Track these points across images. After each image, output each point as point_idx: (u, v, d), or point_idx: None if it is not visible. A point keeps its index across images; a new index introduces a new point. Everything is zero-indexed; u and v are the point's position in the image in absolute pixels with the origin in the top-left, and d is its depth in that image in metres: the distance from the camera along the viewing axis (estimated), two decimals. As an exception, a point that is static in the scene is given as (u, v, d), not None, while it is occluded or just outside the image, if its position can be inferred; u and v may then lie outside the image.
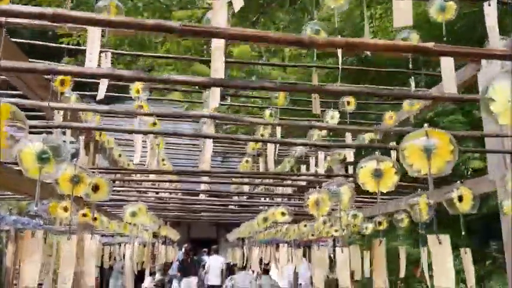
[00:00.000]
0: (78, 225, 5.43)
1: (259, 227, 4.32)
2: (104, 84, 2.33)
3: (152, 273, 7.02)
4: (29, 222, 5.49)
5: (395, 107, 4.48)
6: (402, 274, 3.99)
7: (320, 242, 8.92)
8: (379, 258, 2.14)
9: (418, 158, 1.41)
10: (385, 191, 1.68)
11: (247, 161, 5.25)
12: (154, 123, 4.35)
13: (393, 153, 3.76)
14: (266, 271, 6.07)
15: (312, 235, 6.09)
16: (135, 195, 5.02)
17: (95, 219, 4.37)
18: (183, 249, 13.89)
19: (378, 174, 1.65)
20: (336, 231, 4.91)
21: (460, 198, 2.12)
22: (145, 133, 3.07)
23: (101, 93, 2.30)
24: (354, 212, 3.59)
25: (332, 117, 3.80)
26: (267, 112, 3.80)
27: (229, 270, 11.84)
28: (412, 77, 3.08)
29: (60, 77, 3.20)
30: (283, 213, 3.34)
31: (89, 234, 5.45)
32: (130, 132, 3.37)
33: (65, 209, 3.47)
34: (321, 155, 4.19)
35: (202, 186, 4.35)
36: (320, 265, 2.28)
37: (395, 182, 1.65)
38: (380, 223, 4.10)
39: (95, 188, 2.25)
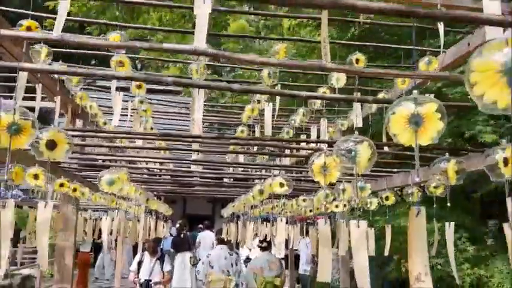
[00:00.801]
0: (62, 198, 5.00)
1: (255, 201, 3.87)
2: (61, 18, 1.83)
3: (144, 249, 6.60)
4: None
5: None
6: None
7: (317, 220, 8.56)
8: (417, 233, 1.61)
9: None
10: (425, 144, 1.21)
11: (242, 131, 4.78)
12: (139, 86, 3.88)
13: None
14: (264, 248, 5.72)
15: (310, 211, 5.67)
16: (124, 165, 4.57)
17: (74, 190, 3.91)
18: (177, 225, 13.60)
19: (416, 121, 1.18)
20: (337, 206, 4.48)
21: (506, 162, 1.66)
22: (122, 78, 2.57)
23: (58, 28, 1.80)
24: (361, 183, 3.14)
25: (338, 79, 3.31)
26: (265, 72, 3.31)
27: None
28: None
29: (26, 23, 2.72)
30: (281, 184, 2.89)
31: (73, 207, 5.04)
32: (103, 77, 2.86)
33: (36, 177, 3.00)
34: (324, 122, 3.71)
35: (194, 156, 3.89)
36: (327, 243, 1.83)
37: (441, 130, 1.19)
38: (387, 198, 3.68)
39: (51, 145, 1.77)
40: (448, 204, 2.52)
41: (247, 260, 8.14)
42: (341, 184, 3.25)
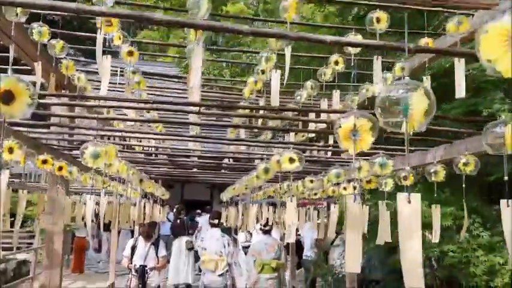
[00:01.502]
0: (51, 178, 4.58)
1: (259, 181, 3.44)
2: None
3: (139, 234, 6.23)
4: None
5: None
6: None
7: (318, 205, 8.19)
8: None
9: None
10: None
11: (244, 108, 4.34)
12: (131, 53, 3.44)
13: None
14: (266, 231, 5.68)
15: (315, 194, 5.28)
16: (116, 142, 4.14)
17: (60, 169, 3.50)
18: (174, 210, 13.30)
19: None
20: (345, 189, 4.09)
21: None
22: (105, 15, 2.15)
23: None
24: (382, 159, 2.73)
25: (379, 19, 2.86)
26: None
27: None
28: None
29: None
30: (292, 160, 2.48)
31: (62, 189, 4.62)
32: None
33: (10, 151, 2.57)
34: (336, 94, 3.29)
35: (192, 131, 3.48)
36: (356, 225, 1.42)
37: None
38: (405, 178, 3.28)
39: (7, 97, 1.35)
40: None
41: (247, 247, 7.83)
42: (356, 162, 2.86)
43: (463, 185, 2.96)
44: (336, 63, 3.26)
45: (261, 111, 3.72)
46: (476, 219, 5.07)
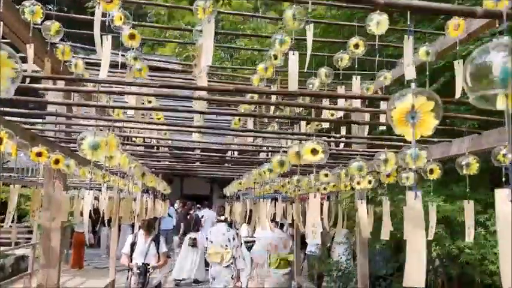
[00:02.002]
0: (47, 172, 4.27)
1: (273, 175, 3.13)
2: None
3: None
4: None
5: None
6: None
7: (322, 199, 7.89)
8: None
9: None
10: None
11: (252, 97, 4.03)
12: (132, 36, 3.13)
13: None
14: (282, 225, 5.94)
15: (325, 189, 4.99)
16: (117, 133, 3.84)
17: (56, 162, 3.20)
18: (175, 205, 13.05)
19: None
20: (358, 183, 3.80)
21: None
22: None
23: None
24: (416, 150, 2.43)
25: (379, 23, 2.60)
26: (289, 13, 2.57)
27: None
28: None
29: None
30: (314, 151, 2.19)
31: (60, 183, 4.31)
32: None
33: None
34: (357, 81, 3.00)
35: (197, 121, 3.18)
36: (418, 224, 1.14)
37: None
38: (431, 171, 3.00)
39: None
40: None
41: (250, 242, 7.59)
42: (382, 154, 2.57)
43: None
44: (356, 46, 2.96)
45: (273, 98, 3.38)
46: (493, 214, 4.80)
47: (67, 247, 12.48)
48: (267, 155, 4.38)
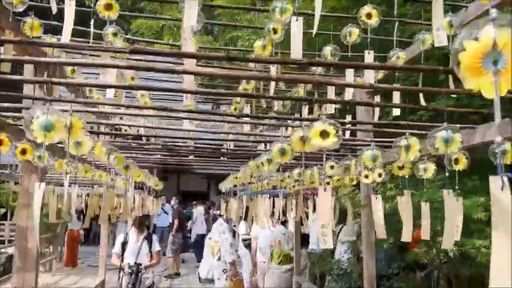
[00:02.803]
0: (25, 166, 3.80)
1: (272, 166, 2.65)
2: None
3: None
4: None
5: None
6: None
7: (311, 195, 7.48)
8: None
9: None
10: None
11: (248, 82, 3.56)
12: (109, 6, 2.66)
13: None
14: (283, 222, 5.76)
15: (328, 183, 4.53)
16: (95, 121, 3.38)
17: (23, 152, 2.73)
18: (172, 202, 12.72)
19: None
20: (367, 177, 3.35)
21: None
22: None
23: None
24: (447, 133, 2.00)
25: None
26: None
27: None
28: None
29: None
30: (325, 134, 1.74)
31: (37, 177, 3.83)
32: None
33: None
34: (369, 56, 2.54)
35: (186, 101, 2.72)
36: (505, 220, 0.71)
37: None
38: (457, 161, 2.54)
39: None
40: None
41: (247, 240, 7.19)
42: (403, 139, 2.13)
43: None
44: (369, 16, 2.50)
45: (274, 75, 2.88)
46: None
47: (61, 245, 12.05)
48: (265, 146, 3.94)
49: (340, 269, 6.76)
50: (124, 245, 5.34)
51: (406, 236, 2.38)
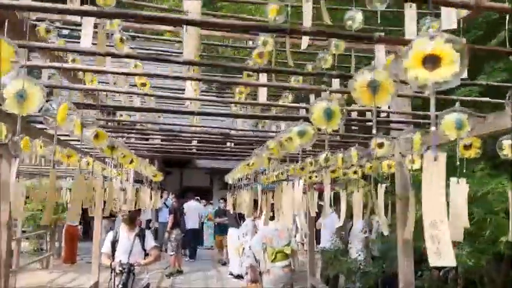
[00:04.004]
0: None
1: (303, 141, 2.12)
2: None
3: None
4: None
5: None
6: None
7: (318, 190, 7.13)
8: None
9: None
10: None
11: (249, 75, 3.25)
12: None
13: None
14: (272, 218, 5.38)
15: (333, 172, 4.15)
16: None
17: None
18: (172, 195, 12.48)
19: None
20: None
21: None
22: None
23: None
24: (458, 115, 1.66)
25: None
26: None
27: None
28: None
29: None
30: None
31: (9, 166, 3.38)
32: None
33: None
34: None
35: (188, 91, 2.38)
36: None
37: None
38: (469, 147, 2.22)
39: None
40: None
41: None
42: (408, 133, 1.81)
43: None
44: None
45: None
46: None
47: (60, 241, 11.76)
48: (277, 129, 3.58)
49: (358, 268, 6.44)
50: (114, 244, 4.97)
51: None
